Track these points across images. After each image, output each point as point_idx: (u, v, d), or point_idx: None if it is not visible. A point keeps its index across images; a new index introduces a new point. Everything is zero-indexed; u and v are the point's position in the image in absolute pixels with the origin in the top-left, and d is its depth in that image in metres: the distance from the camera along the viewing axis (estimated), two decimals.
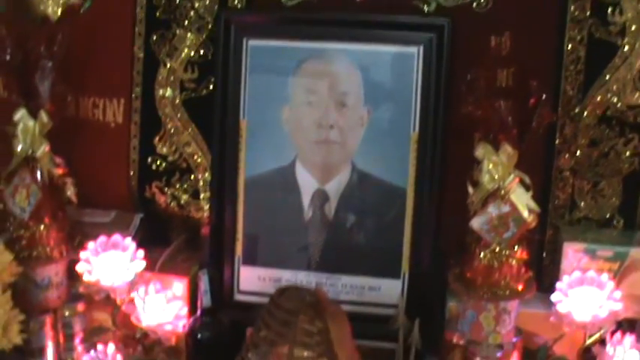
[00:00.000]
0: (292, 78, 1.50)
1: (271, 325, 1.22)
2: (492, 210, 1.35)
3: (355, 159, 1.51)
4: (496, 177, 1.34)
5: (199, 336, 1.42)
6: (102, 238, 1.39)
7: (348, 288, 1.53)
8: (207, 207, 1.58)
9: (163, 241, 1.59)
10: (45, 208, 1.40)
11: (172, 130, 1.58)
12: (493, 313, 1.38)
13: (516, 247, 1.37)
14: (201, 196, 1.59)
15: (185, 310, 1.44)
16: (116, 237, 1.39)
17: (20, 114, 1.39)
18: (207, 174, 1.58)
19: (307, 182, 1.52)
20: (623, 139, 1.52)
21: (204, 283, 1.39)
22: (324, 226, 1.53)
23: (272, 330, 1.22)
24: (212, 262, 1.51)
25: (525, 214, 1.35)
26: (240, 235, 1.54)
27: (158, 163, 1.60)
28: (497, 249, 1.36)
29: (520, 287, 1.38)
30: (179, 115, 1.57)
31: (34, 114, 1.38)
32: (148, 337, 1.41)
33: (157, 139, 1.59)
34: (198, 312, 1.43)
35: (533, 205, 1.36)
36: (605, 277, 1.39)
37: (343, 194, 1.52)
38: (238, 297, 1.55)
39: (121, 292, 1.38)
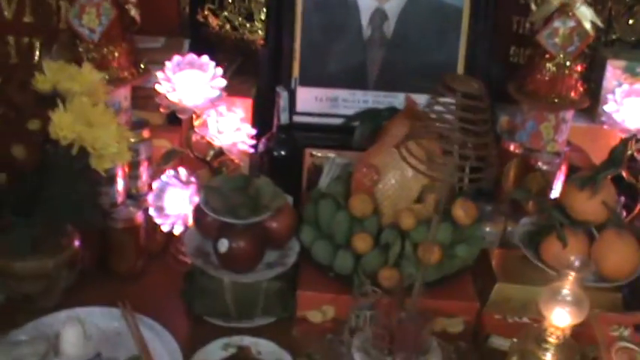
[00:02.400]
0: None
1: None
2: (558, 24, 1.41)
3: None
4: None
5: (276, 153, 1.46)
6: (178, 57, 1.38)
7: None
8: (261, 29, 1.57)
9: None
10: (115, 28, 1.37)
11: None
12: (553, 122, 1.47)
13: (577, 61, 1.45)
14: (256, 17, 1.58)
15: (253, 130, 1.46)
16: (191, 56, 1.37)
17: None
18: None
19: (366, 1, 1.53)
20: None
21: (283, 100, 1.41)
22: (383, 44, 1.55)
23: None
24: (268, 84, 1.52)
25: (589, 26, 1.41)
26: (297, 55, 1.54)
27: None
28: (561, 62, 1.43)
29: (577, 98, 1.46)
30: None
31: None
32: (217, 158, 1.43)
33: None
34: (274, 129, 1.45)
35: (597, 19, 1.42)
36: None
37: (402, 13, 1.53)
38: (295, 118, 1.57)
39: (204, 110, 1.38)
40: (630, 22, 1.66)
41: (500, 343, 1.30)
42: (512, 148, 1.52)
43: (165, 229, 1.42)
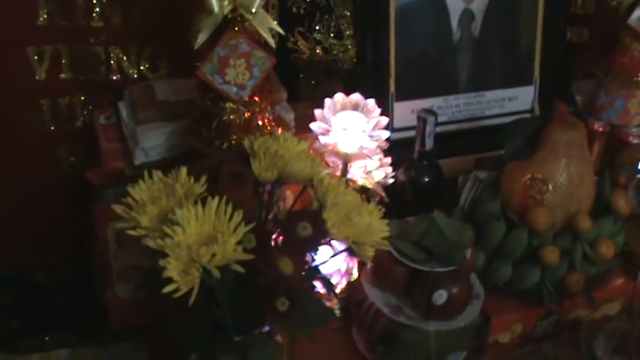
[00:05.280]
0: None
1: None
2: None
3: None
4: None
5: (421, 181, 1.37)
6: (341, 95, 1.22)
7: (492, 102, 1.56)
8: (352, 45, 1.44)
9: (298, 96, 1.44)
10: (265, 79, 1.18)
11: None
12: (639, 98, 1.54)
13: None
14: (344, 34, 1.44)
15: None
16: (357, 96, 1.23)
17: None
18: (347, 10, 1.43)
19: (455, 3, 1.47)
20: None
21: (430, 125, 1.32)
22: (471, 45, 1.51)
23: None
24: None
25: None
26: (392, 71, 1.45)
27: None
28: None
29: None
30: None
31: None
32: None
33: None
34: (415, 156, 1.36)
35: None
36: None
37: (487, 11, 1.50)
38: (393, 136, 1.48)
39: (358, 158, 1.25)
40: None
41: None
42: (596, 127, 1.57)
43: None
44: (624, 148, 1.56)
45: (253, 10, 1.13)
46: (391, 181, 1.34)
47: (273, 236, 1.01)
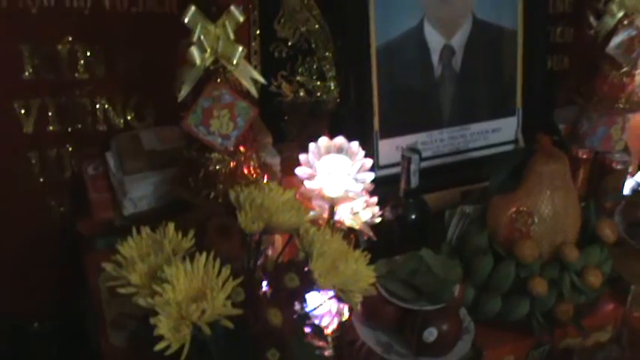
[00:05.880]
0: None
1: None
2: (623, 35, 1.49)
3: (475, 9, 1.51)
4: (628, 5, 1.47)
5: (408, 219, 1.38)
6: (325, 139, 1.24)
7: (476, 135, 1.58)
8: (335, 87, 1.46)
9: (283, 138, 1.46)
10: (249, 127, 1.20)
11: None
12: (621, 124, 1.56)
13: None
14: (327, 75, 1.46)
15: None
16: (341, 139, 1.24)
17: (191, 14, 1.12)
18: (329, 52, 1.45)
19: (435, 39, 1.49)
20: None
21: (414, 163, 1.33)
22: (453, 80, 1.52)
23: None
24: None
25: None
26: (376, 109, 1.47)
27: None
28: (628, 69, 1.52)
29: (637, 99, 1.57)
30: None
31: (211, 14, 1.14)
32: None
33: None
34: (401, 194, 1.37)
35: None
36: None
37: (467, 45, 1.52)
38: (379, 173, 1.49)
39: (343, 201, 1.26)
40: None
41: None
42: (580, 154, 1.59)
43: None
44: (609, 174, 1.58)
45: (234, 62, 1.15)
46: (378, 220, 1.35)
47: (263, 284, 1.03)
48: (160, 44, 1.32)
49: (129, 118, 1.47)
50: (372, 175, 1.27)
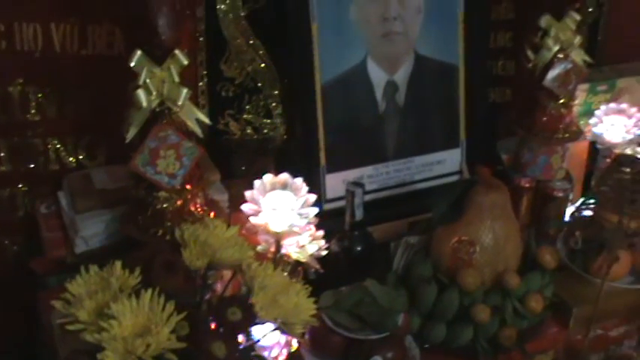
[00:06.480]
0: None
1: None
2: (559, 67, 1.55)
3: (417, 46, 1.56)
4: (563, 40, 1.54)
5: (354, 251, 1.42)
6: (269, 176, 1.28)
7: (421, 167, 1.63)
8: (281, 124, 1.51)
9: (232, 174, 1.50)
10: (196, 166, 1.23)
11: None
12: (561, 153, 1.62)
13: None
14: (274, 113, 1.50)
15: None
16: (285, 176, 1.28)
17: (137, 58, 1.16)
18: (275, 90, 1.49)
19: (378, 76, 1.54)
20: None
21: (358, 197, 1.38)
22: (397, 114, 1.58)
23: None
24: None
25: (582, 65, 1.58)
26: (322, 145, 1.51)
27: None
28: (565, 100, 1.58)
29: (577, 129, 1.63)
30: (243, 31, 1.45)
31: (157, 57, 1.18)
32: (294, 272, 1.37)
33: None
34: (346, 227, 1.41)
35: (586, 57, 1.59)
36: (634, 109, 1.70)
37: (410, 81, 1.57)
38: (326, 206, 1.54)
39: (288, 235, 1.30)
40: None
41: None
42: (522, 183, 1.64)
43: None
44: (550, 201, 1.63)
45: (180, 103, 1.19)
46: (325, 252, 1.38)
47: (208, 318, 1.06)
48: (110, 85, 1.35)
49: (81, 157, 1.50)
50: (315, 210, 1.31)
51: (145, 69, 1.17)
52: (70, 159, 1.49)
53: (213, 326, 1.03)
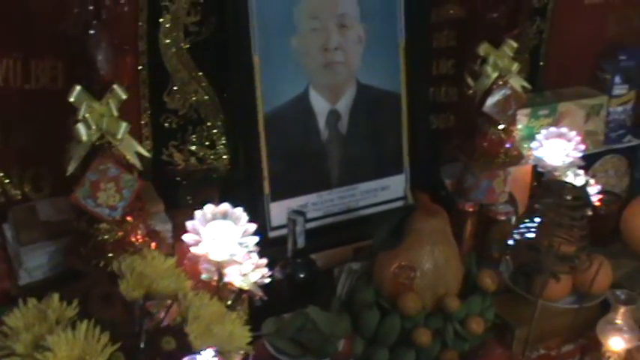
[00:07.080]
0: (296, 7, 1.51)
1: None
2: (498, 94, 1.60)
3: (358, 75, 1.60)
4: (502, 67, 1.58)
5: (297, 278, 1.44)
6: (210, 206, 1.29)
7: (365, 194, 1.66)
8: (225, 154, 1.53)
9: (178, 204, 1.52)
10: (137, 197, 1.25)
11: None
12: (502, 177, 1.66)
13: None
14: (217, 143, 1.53)
15: None
16: (226, 206, 1.30)
17: (76, 93, 1.18)
18: (218, 121, 1.52)
19: (321, 105, 1.58)
20: None
21: (299, 225, 1.40)
22: (340, 142, 1.61)
23: None
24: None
25: (521, 91, 1.63)
26: (266, 173, 1.54)
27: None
28: (506, 125, 1.63)
29: (518, 153, 1.67)
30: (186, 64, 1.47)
31: (96, 92, 1.20)
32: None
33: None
34: (289, 254, 1.44)
35: (525, 83, 1.64)
36: (573, 133, 1.75)
37: (352, 109, 1.61)
38: (271, 234, 1.57)
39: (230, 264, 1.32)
40: None
41: None
42: (466, 207, 1.68)
43: None
44: (494, 225, 1.67)
45: (119, 137, 1.21)
46: (268, 280, 1.41)
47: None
48: (54, 118, 1.36)
49: (26, 189, 1.51)
50: (255, 239, 1.33)
51: (85, 104, 1.19)
52: (16, 191, 1.50)
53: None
